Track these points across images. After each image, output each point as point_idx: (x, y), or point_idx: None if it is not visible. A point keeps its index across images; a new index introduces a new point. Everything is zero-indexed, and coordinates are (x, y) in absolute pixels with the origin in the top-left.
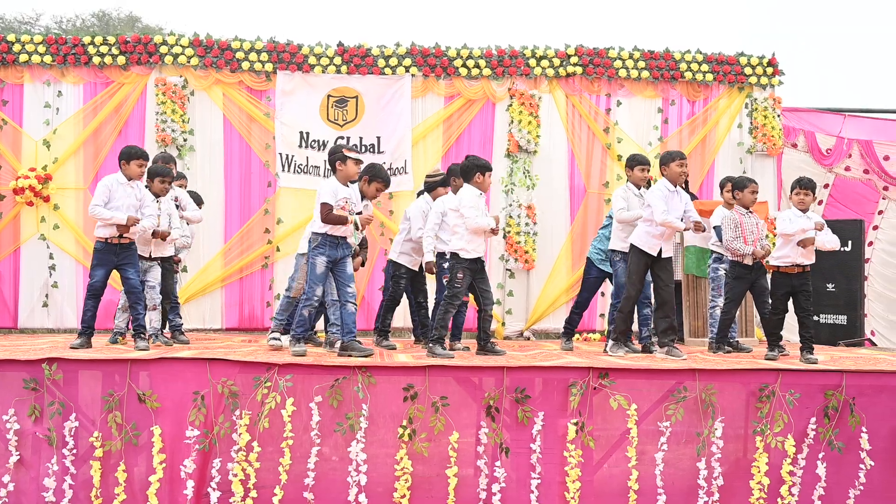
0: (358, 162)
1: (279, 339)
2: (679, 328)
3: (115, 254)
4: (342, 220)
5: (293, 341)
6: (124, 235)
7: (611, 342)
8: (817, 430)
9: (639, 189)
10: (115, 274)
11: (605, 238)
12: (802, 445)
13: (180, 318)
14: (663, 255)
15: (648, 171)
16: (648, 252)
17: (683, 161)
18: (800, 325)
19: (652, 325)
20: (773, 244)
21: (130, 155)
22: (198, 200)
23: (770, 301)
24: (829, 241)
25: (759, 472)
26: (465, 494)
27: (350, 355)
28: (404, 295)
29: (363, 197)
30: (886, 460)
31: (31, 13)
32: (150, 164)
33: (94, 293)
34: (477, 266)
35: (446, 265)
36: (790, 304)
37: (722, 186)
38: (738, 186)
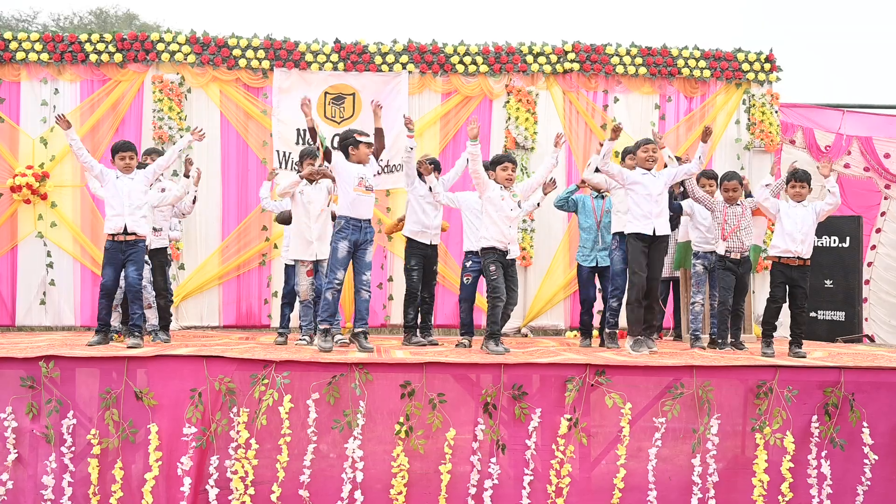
0: (369, 145)
1: (304, 341)
2: (676, 325)
3: (121, 251)
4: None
5: (320, 334)
6: (129, 232)
7: (631, 340)
8: (819, 428)
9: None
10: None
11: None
12: (810, 445)
13: (156, 318)
14: (658, 234)
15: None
16: (642, 232)
17: (648, 146)
18: (792, 320)
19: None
20: (770, 240)
21: (112, 150)
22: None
23: (741, 298)
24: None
25: (758, 469)
26: (462, 491)
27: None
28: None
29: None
30: (887, 455)
31: (28, 11)
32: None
33: (106, 292)
34: (506, 262)
35: (469, 263)
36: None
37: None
38: (718, 183)
